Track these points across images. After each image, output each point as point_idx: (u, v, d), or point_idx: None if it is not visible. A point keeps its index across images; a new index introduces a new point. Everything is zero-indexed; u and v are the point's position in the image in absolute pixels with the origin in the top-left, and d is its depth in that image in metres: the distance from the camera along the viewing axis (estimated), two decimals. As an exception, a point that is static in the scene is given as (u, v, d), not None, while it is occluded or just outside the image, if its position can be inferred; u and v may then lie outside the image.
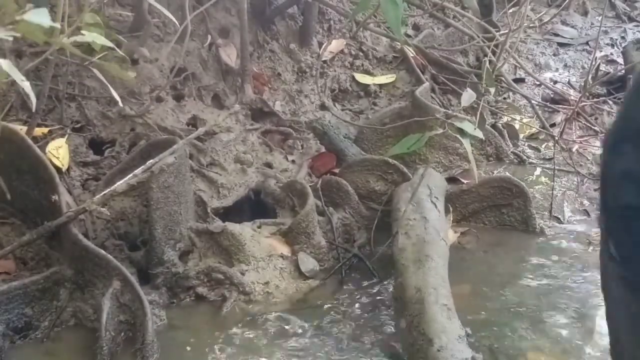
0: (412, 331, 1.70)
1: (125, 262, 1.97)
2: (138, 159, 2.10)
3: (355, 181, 2.48)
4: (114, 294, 1.77)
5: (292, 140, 2.67)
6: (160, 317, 1.86)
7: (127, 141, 2.31)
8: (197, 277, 2.00)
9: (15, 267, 1.90)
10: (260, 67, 2.80)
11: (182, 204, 2.03)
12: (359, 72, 3.02)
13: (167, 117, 2.40)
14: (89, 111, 2.30)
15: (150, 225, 1.98)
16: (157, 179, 1.93)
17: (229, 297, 1.97)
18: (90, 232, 2.02)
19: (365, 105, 2.96)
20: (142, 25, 2.46)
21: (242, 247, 2.06)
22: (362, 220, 2.41)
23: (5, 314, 1.73)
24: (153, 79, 2.43)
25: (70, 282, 1.85)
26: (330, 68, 2.97)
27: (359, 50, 3.07)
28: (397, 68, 3.08)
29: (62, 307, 1.83)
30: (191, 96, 2.55)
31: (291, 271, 2.12)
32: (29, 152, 1.89)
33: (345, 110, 2.92)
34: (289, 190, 2.34)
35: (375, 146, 2.73)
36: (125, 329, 1.78)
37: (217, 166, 2.39)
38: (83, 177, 2.19)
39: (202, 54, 2.63)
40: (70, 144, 2.20)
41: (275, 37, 2.90)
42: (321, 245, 2.20)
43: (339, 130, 2.70)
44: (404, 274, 1.87)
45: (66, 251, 1.87)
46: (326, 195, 2.39)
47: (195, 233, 2.09)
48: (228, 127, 2.50)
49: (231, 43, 2.72)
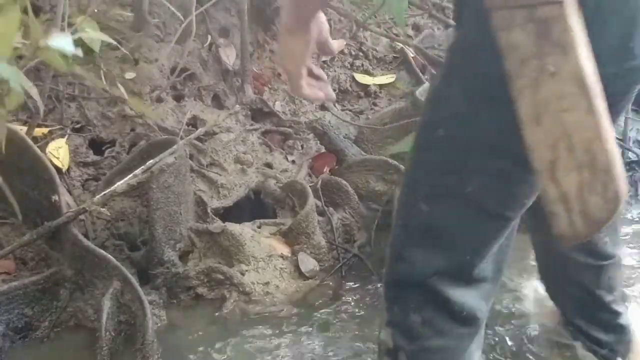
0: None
1: (125, 262, 1.97)
2: (138, 159, 2.10)
3: (355, 181, 2.48)
4: (114, 294, 1.77)
5: (292, 140, 2.67)
6: (160, 317, 1.86)
7: (127, 141, 2.31)
8: (197, 277, 2.00)
9: (15, 267, 1.90)
10: (260, 67, 2.81)
11: (182, 204, 2.04)
12: (359, 73, 3.02)
13: (167, 117, 2.41)
14: (89, 111, 2.30)
15: (150, 225, 1.98)
16: (157, 179, 1.93)
17: (229, 297, 1.97)
18: (90, 232, 2.02)
19: (365, 105, 2.96)
20: (142, 26, 2.46)
21: (242, 247, 2.06)
22: (362, 220, 2.41)
23: (5, 314, 1.73)
24: (153, 79, 2.44)
25: (70, 282, 1.85)
26: (330, 68, 2.98)
27: (359, 50, 3.07)
28: (397, 68, 3.08)
29: (62, 307, 1.83)
30: (191, 96, 2.55)
31: (291, 271, 2.12)
32: (29, 152, 1.89)
33: (345, 111, 2.92)
34: (289, 190, 2.34)
35: (375, 146, 2.73)
36: (125, 329, 1.77)
37: (217, 166, 2.39)
38: (83, 177, 2.19)
39: (202, 54, 2.63)
40: (70, 144, 2.20)
41: (275, 37, 2.90)
42: (321, 246, 2.20)
43: (339, 130, 2.70)
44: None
45: (66, 251, 1.87)
46: (326, 195, 2.40)
47: (195, 233, 2.09)
48: (228, 127, 2.50)
49: (231, 43, 2.72)
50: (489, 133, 1.05)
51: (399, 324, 1.26)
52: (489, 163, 1.08)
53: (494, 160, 1.07)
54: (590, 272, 1.60)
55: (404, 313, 1.24)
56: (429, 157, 1.16)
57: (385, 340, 1.27)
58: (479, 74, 1.03)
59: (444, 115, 1.12)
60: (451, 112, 1.10)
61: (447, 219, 1.16)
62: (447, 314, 1.22)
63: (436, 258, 1.18)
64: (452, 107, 1.10)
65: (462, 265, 1.19)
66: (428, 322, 1.23)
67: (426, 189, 1.17)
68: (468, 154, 1.09)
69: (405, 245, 1.21)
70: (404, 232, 1.22)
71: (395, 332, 1.26)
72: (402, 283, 1.24)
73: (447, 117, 1.11)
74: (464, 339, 1.26)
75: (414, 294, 1.23)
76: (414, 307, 1.22)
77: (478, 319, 1.24)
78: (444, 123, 1.12)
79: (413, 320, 1.23)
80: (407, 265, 1.21)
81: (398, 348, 1.25)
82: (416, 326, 1.23)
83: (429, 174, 1.17)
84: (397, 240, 1.24)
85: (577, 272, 1.61)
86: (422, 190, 1.17)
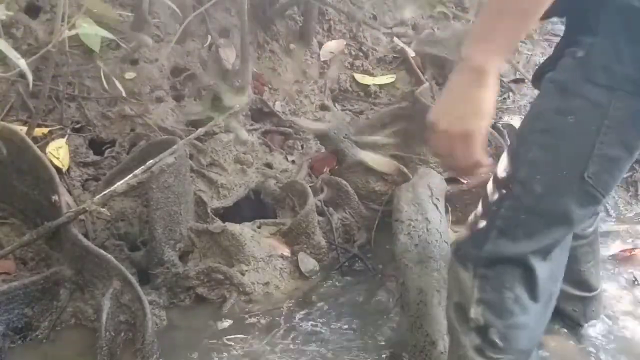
0: (415, 332, 1.70)
1: (125, 262, 1.97)
2: (138, 159, 2.09)
3: (355, 181, 2.48)
4: (114, 294, 1.77)
5: (292, 140, 2.67)
6: (160, 318, 1.86)
7: (127, 141, 2.31)
8: (197, 277, 2.00)
9: (15, 267, 1.90)
10: (260, 67, 2.81)
11: (182, 204, 2.03)
12: (359, 73, 3.02)
13: (167, 117, 2.41)
14: (89, 111, 2.30)
15: (150, 225, 1.98)
16: (157, 179, 1.93)
17: (229, 297, 1.97)
18: (90, 232, 2.02)
19: (365, 105, 2.96)
20: (142, 26, 2.46)
21: (242, 247, 2.06)
22: (362, 220, 2.41)
23: (5, 314, 1.73)
24: (153, 79, 2.44)
25: (70, 283, 1.85)
26: (330, 68, 2.97)
27: (359, 50, 3.07)
28: (397, 68, 3.08)
29: (62, 307, 1.82)
30: (191, 96, 2.55)
31: (291, 271, 2.12)
32: (29, 153, 1.89)
33: (345, 111, 2.92)
34: (289, 190, 2.34)
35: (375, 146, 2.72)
36: (125, 329, 1.77)
37: (217, 166, 2.39)
38: (83, 177, 2.19)
39: (202, 54, 2.63)
40: (70, 144, 2.20)
41: (275, 37, 2.90)
42: (321, 246, 2.20)
43: (339, 131, 2.70)
44: (407, 275, 1.87)
45: (66, 251, 1.87)
46: (326, 196, 2.39)
47: (195, 233, 2.09)
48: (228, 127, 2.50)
49: (231, 43, 2.72)
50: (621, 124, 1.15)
51: (491, 301, 1.29)
52: (611, 150, 1.17)
53: (616, 148, 1.17)
54: (578, 302, 1.79)
55: (497, 291, 1.28)
56: (554, 143, 1.21)
57: (475, 318, 1.30)
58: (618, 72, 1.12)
59: (577, 105, 1.17)
60: (584, 103, 1.16)
61: (558, 201, 1.22)
62: (530, 291, 1.28)
63: (537, 236, 1.25)
64: (586, 100, 1.16)
65: (553, 244, 1.27)
66: (518, 299, 1.28)
67: (546, 171, 1.22)
68: (594, 142, 1.16)
69: (511, 223, 1.25)
70: (513, 210, 1.25)
71: (486, 309, 1.29)
72: (499, 259, 1.28)
73: (580, 106, 1.17)
74: (539, 318, 1.33)
75: (508, 271, 1.27)
76: (508, 285, 1.27)
77: (552, 295, 1.34)
78: (575, 112, 1.17)
79: (507, 297, 1.28)
80: (510, 242, 1.26)
81: (489, 325, 1.29)
82: (510, 303, 1.28)
83: (552, 158, 1.21)
84: (499, 218, 1.27)
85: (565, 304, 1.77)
86: (540, 172, 1.22)
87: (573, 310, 1.81)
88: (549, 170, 1.22)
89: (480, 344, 1.31)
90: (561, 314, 1.79)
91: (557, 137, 1.21)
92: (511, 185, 1.26)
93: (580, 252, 1.71)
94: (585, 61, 1.17)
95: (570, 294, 1.76)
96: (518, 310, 1.28)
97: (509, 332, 1.29)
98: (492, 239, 1.28)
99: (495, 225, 1.28)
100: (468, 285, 1.31)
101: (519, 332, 1.30)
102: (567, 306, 1.80)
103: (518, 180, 1.25)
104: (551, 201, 1.23)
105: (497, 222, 1.28)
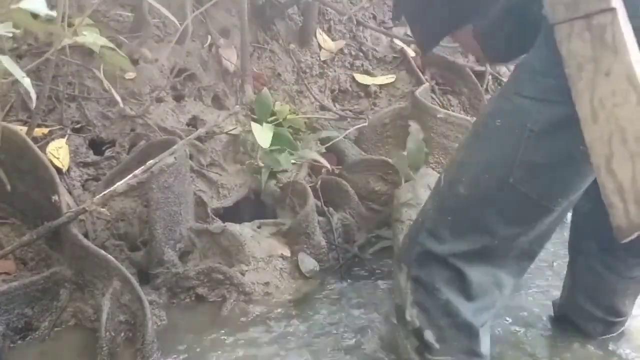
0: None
1: (125, 262, 1.97)
2: (138, 159, 2.10)
3: (355, 181, 2.47)
4: (114, 294, 1.77)
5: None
6: (160, 318, 1.86)
7: (127, 141, 2.31)
8: (197, 277, 2.00)
9: (15, 267, 1.90)
10: (260, 67, 2.81)
11: (182, 205, 2.03)
12: (359, 73, 3.02)
13: (167, 117, 2.41)
14: (89, 111, 2.30)
15: (150, 225, 1.98)
16: (157, 180, 1.93)
17: (229, 297, 1.97)
18: (90, 232, 2.02)
19: (365, 105, 2.96)
20: (142, 26, 2.46)
21: (242, 247, 2.06)
22: (362, 220, 2.41)
23: (5, 315, 1.72)
24: (153, 79, 2.43)
25: (70, 283, 1.85)
26: (330, 68, 2.98)
27: (359, 50, 3.07)
28: (397, 68, 3.08)
29: (62, 307, 1.82)
30: (191, 96, 2.55)
31: (291, 271, 2.12)
32: (29, 153, 1.89)
33: (345, 111, 2.92)
34: (289, 190, 2.34)
35: (375, 146, 2.73)
36: (125, 329, 1.77)
37: (217, 166, 2.39)
38: (83, 177, 2.19)
39: (202, 54, 2.63)
40: (71, 144, 2.20)
41: (275, 37, 2.90)
42: (321, 246, 2.20)
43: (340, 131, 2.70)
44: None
45: (66, 251, 1.87)
46: (326, 196, 2.39)
47: (195, 233, 2.09)
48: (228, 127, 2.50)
49: (231, 43, 2.72)
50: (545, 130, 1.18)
51: (424, 303, 1.30)
52: (536, 157, 1.20)
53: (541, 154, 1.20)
54: (599, 324, 1.73)
55: (429, 292, 1.30)
56: (480, 145, 1.27)
57: (411, 321, 1.32)
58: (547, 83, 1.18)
59: (505, 109, 1.24)
60: (510, 108, 1.23)
61: (483, 205, 1.25)
62: (462, 291, 1.29)
63: (461, 240, 1.27)
64: (512, 105, 1.22)
65: (478, 251, 1.27)
66: (450, 301, 1.29)
67: (471, 173, 1.26)
68: (518, 147, 1.20)
69: (437, 224, 1.30)
70: (439, 211, 1.31)
71: (420, 311, 1.30)
72: (428, 260, 1.30)
73: (507, 110, 1.23)
74: (479, 315, 1.32)
75: (438, 272, 1.29)
76: (438, 286, 1.29)
77: (488, 295, 1.31)
78: (502, 115, 1.23)
79: (438, 298, 1.30)
80: (437, 242, 1.29)
81: (424, 327, 1.31)
82: (441, 304, 1.29)
83: (477, 160, 1.26)
84: (429, 218, 1.32)
85: (586, 322, 1.74)
86: (465, 173, 1.28)
87: (594, 329, 1.74)
88: (473, 172, 1.25)
89: (419, 346, 1.31)
90: (579, 330, 1.74)
91: (483, 140, 1.26)
92: (441, 186, 1.31)
93: (620, 287, 1.66)
94: (515, 75, 1.27)
95: (595, 315, 1.71)
96: (451, 312, 1.28)
97: (444, 333, 1.29)
98: (421, 239, 1.31)
99: (424, 226, 1.32)
100: (403, 287, 1.33)
101: (454, 332, 1.30)
102: (589, 324, 1.73)
103: (446, 181, 1.28)
104: (474, 204, 1.25)
105: (427, 222, 1.32)
